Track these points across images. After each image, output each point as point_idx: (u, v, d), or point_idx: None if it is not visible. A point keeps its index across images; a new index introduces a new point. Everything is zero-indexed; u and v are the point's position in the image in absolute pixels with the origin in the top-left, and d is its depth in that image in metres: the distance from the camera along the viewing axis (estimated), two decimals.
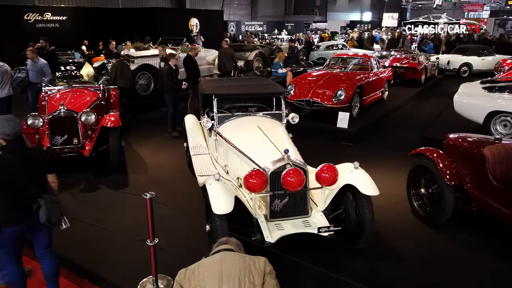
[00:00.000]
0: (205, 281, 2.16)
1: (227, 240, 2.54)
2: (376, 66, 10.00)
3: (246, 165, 4.07)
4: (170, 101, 7.87)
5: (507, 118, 6.51)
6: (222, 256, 2.29)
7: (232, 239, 2.57)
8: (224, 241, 2.54)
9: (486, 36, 19.79)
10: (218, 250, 2.39)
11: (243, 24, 32.29)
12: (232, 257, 2.28)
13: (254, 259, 2.29)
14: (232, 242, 2.52)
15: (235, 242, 2.53)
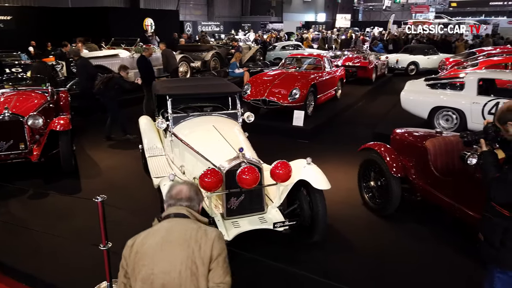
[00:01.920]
0: (145, 269, 1.86)
1: (178, 194, 2.05)
2: (329, 66, 10.32)
3: (202, 165, 4.08)
4: (115, 106, 7.65)
5: (449, 113, 6.97)
6: (167, 230, 1.92)
7: (184, 189, 2.06)
8: (174, 195, 2.06)
9: (431, 36, 20.95)
10: (168, 215, 2.00)
11: (200, 25, 32.03)
12: (178, 233, 1.88)
13: (201, 240, 1.87)
14: (184, 198, 2.04)
15: (186, 196, 2.04)
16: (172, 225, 1.94)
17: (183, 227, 1.92)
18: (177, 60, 11.95)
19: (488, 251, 2.47)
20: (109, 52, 11.83)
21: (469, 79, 6.84)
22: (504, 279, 2.44)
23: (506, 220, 2.36)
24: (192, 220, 1.98)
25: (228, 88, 5.45)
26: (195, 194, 2.08)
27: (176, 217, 1.97)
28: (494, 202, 2.40)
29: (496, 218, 2.40)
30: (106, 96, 7.49)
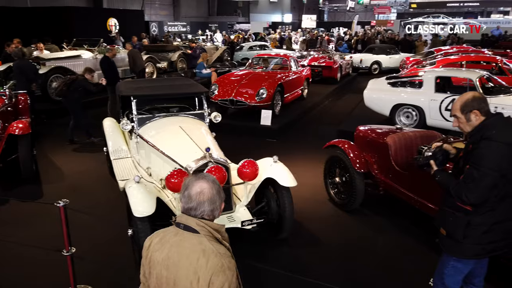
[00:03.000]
0: (154, 279, 1.72)
1: (199, 195, 1.68)
2: (295, 66, 10.48)
3: (169, 166, 4.05)
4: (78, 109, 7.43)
5: (409, 110, 7.26)
6: (172, 246, 1.66)
7: (206, 188, 1.69)
8: (194, 195, 1.68)
9: (393, 36, 21.68)
10: (178, 223, 1.71)
11: (166, 25, 31.60)
12: (181, 256, 1.63)
13: (200, 272, 1.58)
14: (207, 201, 1.68)
15: (209, 198, 1.68)
16: (179, 241, 1.67)
17: (187, 250, 1.64)
18: (143, 60, 11.77)
19: (450, 244, 2.54)
20: (71, 53, 11.47)
21: (427, 77, 7.15)
22: (458, 266, 2.58)
23: (469, 214, 2.42)
24: (201, 237, 1.65)
25: (194, 88, 5.44)
26: (217, 193, 1.72)
27: (186, 230, 1.68)
28: (467, 203, 2.38)
29: (458, 213, 2.45)
30: (69, 98, 7.27)
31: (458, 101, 2.51)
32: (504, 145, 2.30)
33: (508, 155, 2.31)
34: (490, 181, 2.30)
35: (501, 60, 9.43)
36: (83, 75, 7.42)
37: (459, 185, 2.39)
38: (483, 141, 2.33)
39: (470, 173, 2.34)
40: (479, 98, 2.46)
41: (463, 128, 2.52)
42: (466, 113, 2.46)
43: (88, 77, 7.40)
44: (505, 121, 2.43)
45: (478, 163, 2.31)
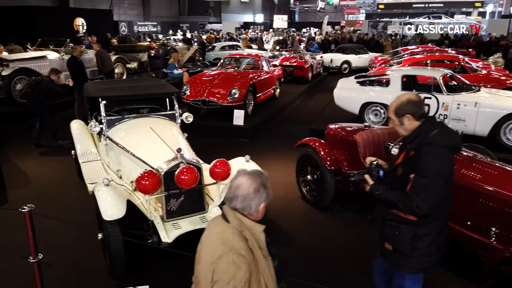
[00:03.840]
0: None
1: (236, 189, 1.74)
2: (267, 65, 10.54)
3: (139, 168, 4.00)
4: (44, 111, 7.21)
5: (377, 108, 7.45)
6: (208, 230, 1.81)
7: (244, 184, 1.74)
8: (233, 189, 1.76)
9: (362, 36, 22.17)
10: (224, 213, 1.79)
11: (136, 25, 31.06)
12: (209, 240, 1.75)
13: (213, 257, 1.67)
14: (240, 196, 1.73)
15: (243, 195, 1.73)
16: (213, 225, 1.80)
17: (213, 236, 1.74)
18: (112, 61, 11.54)
19: (396, 259, 2.45)
20: (36, 53, 11.08)
21: (394, 76, 7.37)
22: (413, 278, 2.50)
23: (414, 225, 2.33)
24: (228, 227, 1.73)
25: (164, 88, 5.38)
26: (254, 191, 1.73)
27: (222, 217, 1.80)
28: (418, 215, 2.28)
29: (404, 225, 2.35)
30: (34, 100, 7.03)
31: (393, 103, 2.43)
32: (446, 148, 2.28)
33: (447, 157, 2.30)
34: (440, 188, 2.23)
35: (463, 59, 9.83)
36: (49, 76, 7.20)
37: (408, 197, 2.26)
38: (425, 147, 2.25)
39: (419, 182, 2.22)
40: (413, 102, 2.37)
41: (398, 131, 2.46)
42: (399, 116, 2.38)
43: (54, 78, 7.18)
44: (441, 124, 2.39)
45: (425, 170, 2.21)
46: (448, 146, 2.30)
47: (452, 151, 2.36)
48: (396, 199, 2.32)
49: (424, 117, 2.38)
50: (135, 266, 3.74)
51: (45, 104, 7.14)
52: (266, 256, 1.79)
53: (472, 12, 42.13)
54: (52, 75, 7.18)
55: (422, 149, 2.26)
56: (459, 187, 3.50)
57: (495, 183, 3.39)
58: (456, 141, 2.38)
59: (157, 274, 3.76)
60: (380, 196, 2.45)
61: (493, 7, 42.89)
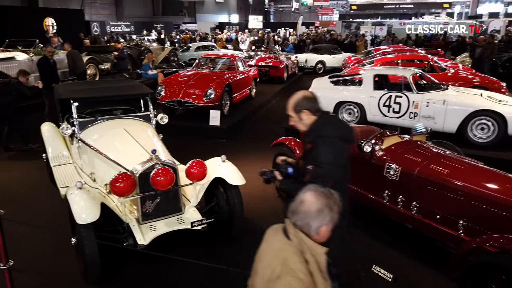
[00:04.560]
0: None
1: (300, 204, 1.68)
2: (243, 66, 10.57)
3: (113, 170, 3.94)
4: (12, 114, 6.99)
5: (351, 107, 7.60)
6: (266, 243, 1.75)
7: (309, 201, 1.67)
8: (297, 202, 1.70)
9: (335, 37, 22.53)
10: (286, 227, 1.72)
11: (108, 25, 30.44)
12: (268, 256, 1.69)
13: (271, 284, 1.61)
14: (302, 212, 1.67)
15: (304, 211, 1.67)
16: (272, 239, 1.74)
17: (272, 251, 1.68)
18: (84, 62, 11.29)
19: None
20: (4, 55, 10.71)
21: (366, 75, 7.54)
22: None
23: None
24: (289, 246, 1.65)
25: (138, 89, 5.32)
26: (317, 211, 1.65)
27: (283, 231, 1.72)
28: None
29: None
30: (2, 103, 6.80)
31: (290, 101, 2.57)
32: (337, 139, 2.45)
33: (340, 148, 2.47)
34: (333, 176, 2.37)
35: (432, 58, 10.15)
36: (17, 78, 6.97)
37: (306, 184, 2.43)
38: (319, 139, 2.44)
39: (314, 172, 2.38)
40: (308, 98, 2.54)
41: (297, 126, 2.59)
42: (298, 112, 2.53)
43: (23, 80, 6.97)
44: (332, 117, 2.60)
45: (320, 161, 2.38)
46: (339, 137, 2.47)
47: (344, 142, 2.53)
48: (298, 190, 2.43)
49: (319, 111, 2.56)
50: (111, 270, 3.68)
51: (13, 107, 6.92)
52: (326, 278, 1.69)
53: (440, 13, 43.51)
54: (21, 77, 6.97)
55: (317, 141, 2.44)
56: (428, 182, 3.64)
57: (462, 177, 3.53)
58: (347, 132, 2.57)
59: (133, 277, 3.71)
60: (285, 190, 2.64)
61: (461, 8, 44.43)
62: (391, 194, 3.94)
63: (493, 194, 3.27)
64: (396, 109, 7.03)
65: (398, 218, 3.97)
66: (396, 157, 3.97)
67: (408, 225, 3.88)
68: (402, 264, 3.83)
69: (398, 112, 7.00)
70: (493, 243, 2.87)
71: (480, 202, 3.29)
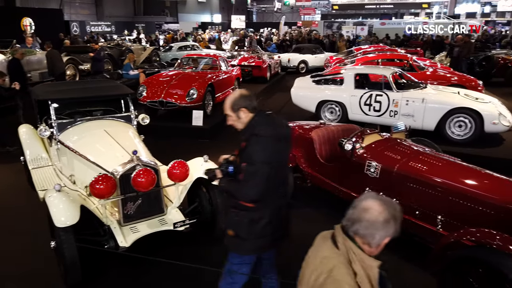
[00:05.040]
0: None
1: (363, 212, 1.59)
2: (225, 65, 10.55)
3: (93, 172, 3.88)
4: None
5: (333, 106, 7.68)
6: (315, 247, 1.73)
7: (375, 209, 1.57)
8: (360, 210, 1.60)
9: (317, 37, 22.71)
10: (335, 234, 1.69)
11: (88, 25, 29.93)
12: (315, 261, 1.66)
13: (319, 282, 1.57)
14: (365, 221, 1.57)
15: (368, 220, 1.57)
16: (320, 246, 1.71)
17: (318, 258, 1.64)
18: (63, 62, 11.08)
19: (236, 243, 2.59)
20: None
21: (348, 74, 7.63)
22: (244, 263, 2.67)
23: (251, 211, 2.50)
24: (337, 255, 1.60)
25: (118, 90, 5.26)
26: (384, 221, 1.55)
27: (331, 238, 1.68)
28: (249, 200, 2.47)
29: (242, 211, 2.52)
30: None
31: (228, 101, 2.59)
32: (269, 138, 2.45)
33: (274, 147, 2.47)
34: (267, 174, 2.40)
35: (411, 57, 10.35)
36: None
37: (239, 184, 2.46)
38: (252, 137, 2.46)
39: (246, 170, 2.42)
40: (245, 96, 2.56)
41: (236, 125, 2.62)
42: (236, 111, 2.55)
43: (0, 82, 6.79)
44: (267, 116, 2.58)
45: (252, 159, 2.41)
46: (272, 136, 2.47)
47: (279, 140, 2.52)
48: (232, 189, 2.54)
49: (256, 109, 2.57)
50: (92, 273, 3.63)
51: None
52: None
53: (420, 13, 44.34)
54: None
55: (251, 139, 2.46)
56: (407, 178, 3.71)
57: (440, 174, 3.61)
58: (280, 131, 2.56)
59: (115, 279, 3.67)
60: (224, 188, 2.65)
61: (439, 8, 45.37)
62: (371, 191, 3.99)
63: (470, 189, 3.36)
64: (376, 107, 7.13)
65: None
66: (376, 155, 4.03)
67: None
68: (382, 260, 3.88)
69: (379, 110, 7.11)
70: (470, 237, 2.94)
71: (458, 197, 3.38)
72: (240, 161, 2.51)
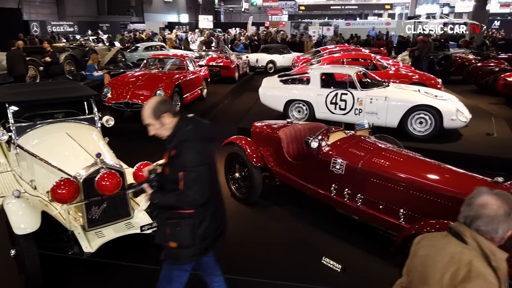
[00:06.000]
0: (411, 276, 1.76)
1: (482, 207, 1.59)
2: (193, 66, 10.46)
3: (55, 176, 3.75)
4: None
5: (300, 105, 7.79)
6: (435, 248, 1.68)
7: (493, 204, 1.58)
8: (477, 206, 1.61)
9: (284, 37, 22.92)
10: (449, 226, 1.69)
11: (49, 25, 28.84)
12: (440, 261, 1.62)
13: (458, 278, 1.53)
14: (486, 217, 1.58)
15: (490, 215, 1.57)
16: (443, 245, 1.65)
17: (446, 256, 1.60)
18: (25, 64, 10.56)
19: (179, 253, 2.53)
20: None
21: (314, 74, 7.76)
22: (185, 269, 2.65)
23: (192, 217, 2.46)
24: (468, 250, 1.57)
25: (81, 91, 5.11)
26: (505, 214, 1.56)
27: (454, 236, 1.64)
28: (197, 207, 2.43)
29: (183, 220, 2.47)
30: None
31: (146, 109, 2.47)
32: (200, 141, 2.44)
33: (205, 148, 2.47)
34: (205, 177, 2.41)
35: (374, 57, 10.65)
36: None
37: (182, 194, 2.38)
38: (183, 144, 2.40)
39: (188, 178, 2.36)
40: (164, 101, 2.50)
41: (160, 133, 2.51)
42: (159, 117, 2.44)
43: None
44: (192, 120, 2.52)
45: (189, 165, 2.36)
46: (201, 138, 2.47)
47: (207, 142, 2.53)
48: (174, 200, 2.44)
49: (177, 114, 2.51)
50: (55, 280, 3.51)
51: None
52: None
53: (383, 14, 45.68)
54: None
55: (181, 146, 2.41)
56: (371, 174, 3.82)
57: (401, 169, 3.74)
58: (207, 132, 2.55)
59: (79, 286, 3.56)
60: (160, 204, 2.53)
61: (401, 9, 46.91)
62: (338, 187, 4.09)
63: (430, 183, 3.50)
64: (342, 106, 7.30)
65: (345, 210, 4.13)
66: (341, 152, 4.13)
67: (354, 216, 4.05)
68: (350, 254, 4.00)
69: (344, 109, 7.28)
70: (429, 228, 3.07)
71: (418, 191, 3.51)
72: (173, 170, 2.43)
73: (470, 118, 6.89)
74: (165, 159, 2.55)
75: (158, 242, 2.62)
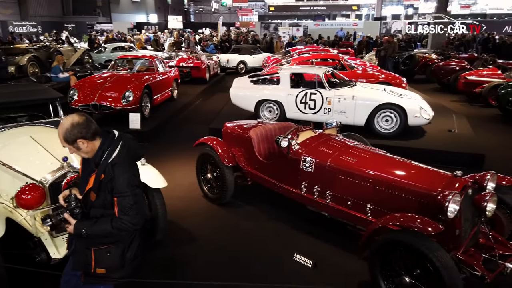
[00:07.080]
0: None
1: None
2: (162, 66, 10.35)
3: (20, 182, 3.64)
4: None
5: (271, 105, 7.87)
6: None
7: None
8: None
9: (257, 38, 23.06)
10: None
11: (11, 25, 27.75)
12: None
13: None
14: None
15: None
16: None
17: None
18: None
19: (102, 277, 2.42)
20: None
21: (284, 74, 7.86)
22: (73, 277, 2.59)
23: (122, 240, 2.38)
24: None
25: (45, 94, 4.97)
26: None
27: None
28: (139, 227, 2.36)
29: (114, 244, 2.37)
30: None
31: (60, 132, 2.26)
32: (130, 163, 2.36)
33: (134, 167, 2.41)
34: (142, 199, 2.37)
35: (342, 57, 10.91)
36: None
37: (120, 220, 2.25)
38: (114, 168, 2.25)
39: (125, 203, 2.24)
40: (78, 124, 2.23)
41: (80, 155, 2.37)
42: (72, 143, 2.25)
43: None
44: (119, 140, 2.35)
45: (124, 190, 2.25)
46: (131, 158, 2.39)
47: (135, 160, 2.46)
48: (108, 229, 2.27)
49: (98, 134, 2.31)
50: None
51: None
52: None
53: (350, 15, 46.70)
54: None
55: (113, 171, 2.25)
56: (339, 171, 3.93)
57: (368, 165, 3.87)
58: (136, 151, 2.45)
59: None
60: (91, 234, 2.29)
61: (368, 10, 48.14)
62: (307, 185, 4.18)
63: (395, 179, 3.63)
64: (311, 105, 7.44)
65: (315, 207, 4.23)
66: (311, 150, 4.22)
67: (324, 213, 4.15)
68: (321, 250, 4.09)
69: (314, 108, 7.42)
70: (394, 222, 3.20)
71: (384, 186, 3.64)
72: (101, 194, 2.27)
73: (433, 115, 7.19)
74: (90, 183, 2.29)
75: (78, 269, 2.43)
